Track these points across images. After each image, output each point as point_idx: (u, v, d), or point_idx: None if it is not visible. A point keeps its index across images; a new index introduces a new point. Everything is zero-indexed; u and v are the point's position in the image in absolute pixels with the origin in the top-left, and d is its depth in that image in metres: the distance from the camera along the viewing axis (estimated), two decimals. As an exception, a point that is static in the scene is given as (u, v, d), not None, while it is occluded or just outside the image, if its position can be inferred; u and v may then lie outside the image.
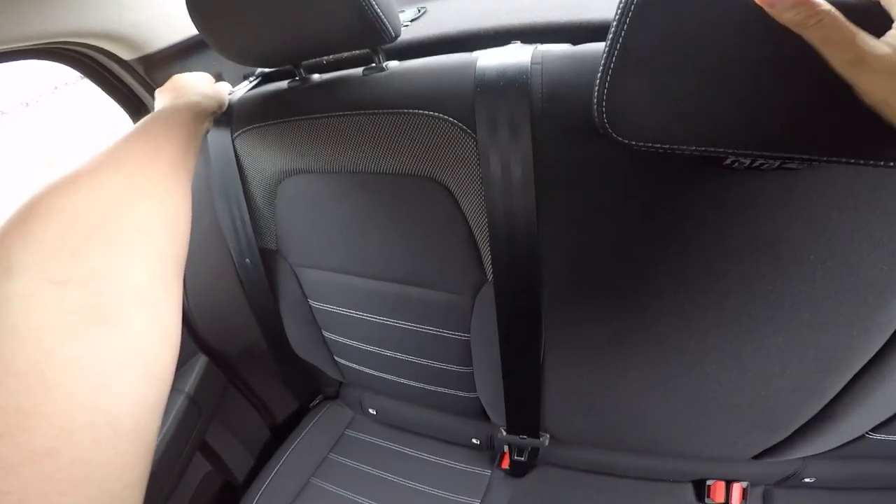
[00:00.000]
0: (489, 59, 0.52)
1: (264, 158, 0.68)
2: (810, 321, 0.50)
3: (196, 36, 0.67)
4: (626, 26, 0.34)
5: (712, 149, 0.38)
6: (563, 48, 0.52)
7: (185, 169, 0.39)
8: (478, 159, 0.53)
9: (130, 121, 0.68)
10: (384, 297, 0.71)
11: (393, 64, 0.59)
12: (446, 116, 0.54)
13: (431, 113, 0.55)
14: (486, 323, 0.64)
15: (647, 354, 0.58)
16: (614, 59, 0.36)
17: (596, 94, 0.39)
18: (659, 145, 0.39)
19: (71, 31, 0.52)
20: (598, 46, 0.50)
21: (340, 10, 0.47)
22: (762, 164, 0.40)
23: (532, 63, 0.50)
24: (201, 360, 0.83)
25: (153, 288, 0.28)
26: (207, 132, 0.60)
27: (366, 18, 0.48)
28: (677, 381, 0.59)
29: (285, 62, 0.60)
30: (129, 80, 0.61)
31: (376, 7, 0.47)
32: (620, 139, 0.40)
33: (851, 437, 0.59)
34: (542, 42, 0.57)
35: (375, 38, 0.51)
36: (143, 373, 0.24)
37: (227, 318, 0.85)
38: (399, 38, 0.56)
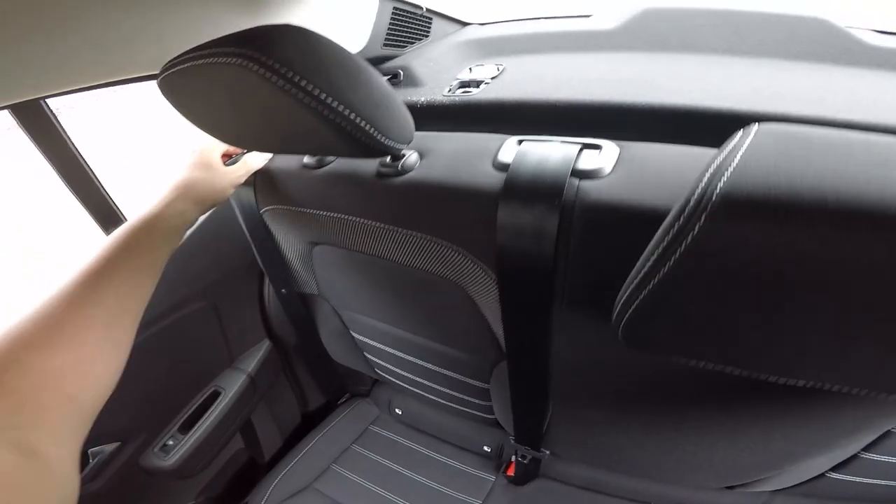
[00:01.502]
0: (518, 184, 0.46)
1: (293, 233, 0.72)
2: (782, 429, 0.55)
3: None
4: (671, 263, 0.31)
5: (736, 370, 0.36)
6: (609, 157, 0.46)
7: (131, 318, 0.44)
8: (499, 290, 0.53)
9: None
10: (416, 345, 0.78)
11: (412, 160, 0.55)
12: (467, 252, 0.52)
13: (450, 245, 0.53)
14: (503, 384, 0.70)
15: (641, 425, 0.66)
16: (649, 287, 0.33)
17: (619, 308, 0.36)
18: (679, 358, 0.38)
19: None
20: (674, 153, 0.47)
21: (326, 133, 0.41)
22: None
23: (569, 183, 0.44)
24: (266, 345, 0.91)
25: (65, 434, 0.36)
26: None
27: (359, 141, 0.42)
28: (663, 441, 0.67)
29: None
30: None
31: (369, 129, 0.41)
32: (638, 349, 0.39)
33: (813, 475, 0.67)
34: (609, 130, 0.55)
35: (379, 152, 0.46)
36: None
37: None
38: (472, 97, 0.59)
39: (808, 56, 0.67)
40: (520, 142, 0.53)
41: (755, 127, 0.30)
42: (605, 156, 0.48)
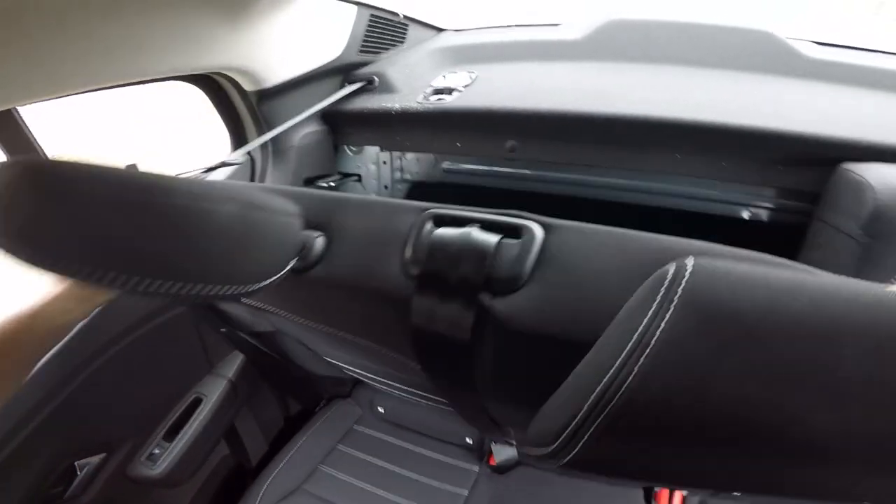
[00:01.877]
0: (430, 287, 0.43)
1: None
2: None
3: (295, 77, 0.75)
4: (579, 444, 0.28)
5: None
6: (531, 251, 0.43)
7: None
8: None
9: (230, 140, 0.76)
10: (384, 371, 0.79)
11: (317, 248, 0.48)
12: (385, 347, 0.52)
13: (368, 341, 0.52)
14: None
15: None
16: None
17: (529, 440, 0.34)
18: None
19: (219, 65, 0.61)
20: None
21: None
22: None
23: (481, 297, 0.41)
24: None
25: None
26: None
27: (209, 298, 0.35)
28: None
29: None
30: (241, 108, 0.70)
31: (210, 290, 0.34)
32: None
33: None
34: (569, 137, 0.64)
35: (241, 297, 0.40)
36: None
37: None
38: (445, 105, 0.62)
39: (754, 67, 0.74)
40: (436, 221, 0.47)
41: (679, 291, 0.25)
42: (525, 249, 0.43)
